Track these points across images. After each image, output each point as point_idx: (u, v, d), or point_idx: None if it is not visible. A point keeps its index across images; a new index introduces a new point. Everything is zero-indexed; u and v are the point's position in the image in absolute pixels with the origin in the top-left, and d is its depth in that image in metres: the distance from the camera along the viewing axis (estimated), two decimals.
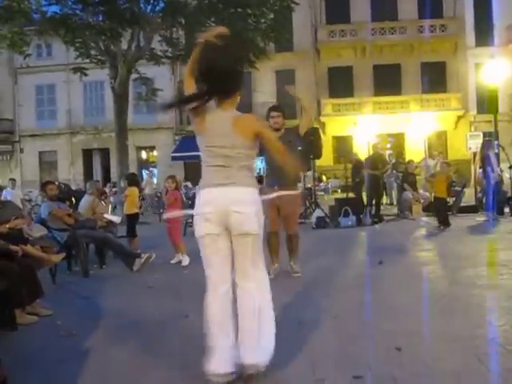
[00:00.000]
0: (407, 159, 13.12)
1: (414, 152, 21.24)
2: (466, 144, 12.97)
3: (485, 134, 14.13)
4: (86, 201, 7.03)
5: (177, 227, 6.60)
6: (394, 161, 14.01)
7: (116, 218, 7.43)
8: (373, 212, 10.07)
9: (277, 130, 4.69)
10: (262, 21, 12.95)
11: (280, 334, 3.30)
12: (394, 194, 13.58)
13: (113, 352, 3.16)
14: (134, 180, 7.63)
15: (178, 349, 3.17)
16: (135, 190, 7.28)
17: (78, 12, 12.52)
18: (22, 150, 26.65)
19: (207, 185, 2.49)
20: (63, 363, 3.00)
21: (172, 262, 6.26)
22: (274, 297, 2.61)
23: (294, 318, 3.63)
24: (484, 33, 23.51)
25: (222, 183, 2.43)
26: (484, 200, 10.61)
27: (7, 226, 4.58)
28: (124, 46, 12.96)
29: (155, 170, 25.92)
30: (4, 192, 12.70)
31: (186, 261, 6.13)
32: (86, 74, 13.26)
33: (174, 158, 23.21)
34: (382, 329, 3.36)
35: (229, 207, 2.40)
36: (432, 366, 2.70)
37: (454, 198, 11.14)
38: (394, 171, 12.67)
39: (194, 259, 5.95)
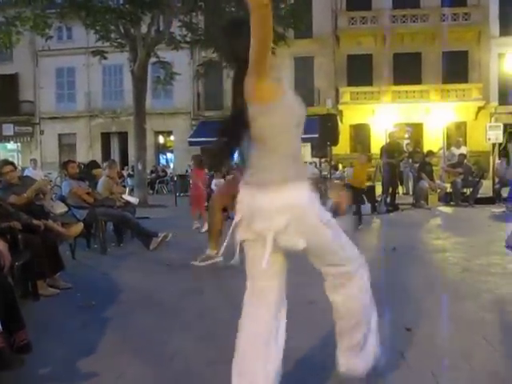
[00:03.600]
0: (426, 150, 12.94)
1: (433, 142, 21.02)
2: (486, 135, 12.79)
3: (506, 126, 13.89)
4: (102, 181, 7.17)
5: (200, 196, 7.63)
6: (410, 149, 13.89)
7: (134, 200, 7.58)
8: (388, 200, 10.07)
9: None
10: (282, 7, 12.86)
11: (291, 313, 3.38)
12: (410, 183, 13.49)
13: (130, 322, 3.28)
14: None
15: (192, 321, 3.28)
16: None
17: None
18: (42, 132, 27.04)
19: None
20: (83, 330, 3.13)
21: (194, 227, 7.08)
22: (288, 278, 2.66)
23: (304, 297, 3.70)
24: (509, 22, 22.90)
25: None
26: (502, 191, 10.52)
27: (25, 194, 4.69)
28: (144, 29, 13.01)
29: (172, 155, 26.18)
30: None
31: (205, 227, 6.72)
32: (105, 58, 13.36)
33: (191, 143, 23.33)
34: (392, 309, 3.41)
35: None
36: (440, 346, 2.76)
37: (471, 189, 11.07)
38: (410, 160, 12.56)
39: None
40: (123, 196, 7.13)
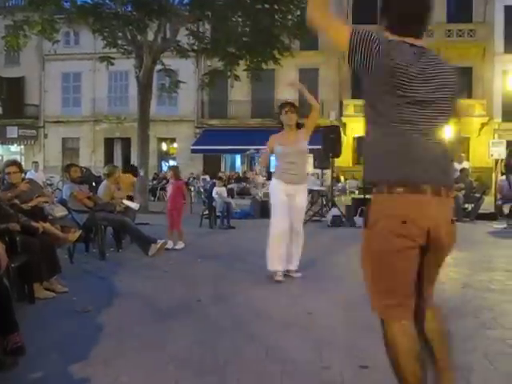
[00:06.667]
0: None
1: None
2: (489, 151, 12.77)
3: (509, 143, 13.87)
4: (103, 185, 7.15)
5: (180, 214, 7.02)
6: None
7: (134, 205, 7.52)
8: None
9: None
10: (289, 17, 12.94)
11: (290, 323, 3.35)
12: None
13: (125, 328, 3.25)
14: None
15: (189, 327, 3.24)
16: None
17: (107, 1, 12.70)
18: (45, 136, 27.13)
19: None
20: (78, 335, 3.10)
21: (168, 247, 6.36)
22: (285, 288, 2.63)
23: (304, 308, 3.67)
24: None
25: None
26: (504, 208, 10.48)
27: (30, 204, 4.70)
28: (150, 37, 13.09)
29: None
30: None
31: (181, 245, 6.59)
32: (112, 64, 13.44)
33: (193, 151, 23.36)
34: None
35: None
36: None
37: (472, 205, 11.03)
38: None
39: (210, 250, 6.03)
40: (123, 201, 7.09)
